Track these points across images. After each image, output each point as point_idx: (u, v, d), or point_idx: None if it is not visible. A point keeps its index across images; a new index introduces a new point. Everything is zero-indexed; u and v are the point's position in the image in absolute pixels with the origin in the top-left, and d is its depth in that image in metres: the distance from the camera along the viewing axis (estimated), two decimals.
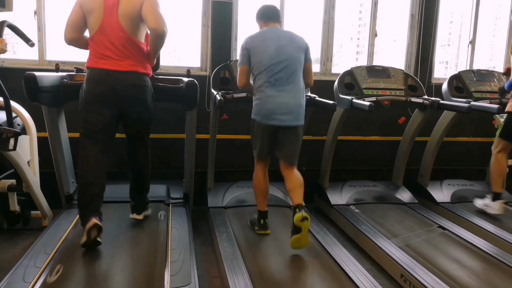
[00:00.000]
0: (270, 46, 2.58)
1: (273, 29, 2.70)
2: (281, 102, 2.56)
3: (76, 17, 2.41)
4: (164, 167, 3.60)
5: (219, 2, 3.65)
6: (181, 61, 3.94)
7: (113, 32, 2.37)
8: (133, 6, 2.37)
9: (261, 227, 2.82)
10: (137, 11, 2.36)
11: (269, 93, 2.56)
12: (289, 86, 2.58)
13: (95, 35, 2.39)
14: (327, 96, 3.20)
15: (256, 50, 2.60)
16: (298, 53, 2.63)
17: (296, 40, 2.66)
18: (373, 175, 4.05)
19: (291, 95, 2.58)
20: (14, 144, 2.44)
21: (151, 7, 2.35)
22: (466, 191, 3.82)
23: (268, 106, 2.57)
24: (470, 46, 4.35)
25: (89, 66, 2.44)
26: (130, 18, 2.37)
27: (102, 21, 2.36)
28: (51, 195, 3.09)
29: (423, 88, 3.62)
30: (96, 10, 2.36)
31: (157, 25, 2.34)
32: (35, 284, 1.99)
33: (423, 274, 2.32)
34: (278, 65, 2.56)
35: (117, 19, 2.36)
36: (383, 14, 4.08)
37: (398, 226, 3.11)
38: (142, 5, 2.35)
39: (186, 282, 2.06)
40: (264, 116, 2.59)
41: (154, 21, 2.34)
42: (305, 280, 2.25)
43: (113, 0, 2.36)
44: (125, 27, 2.37)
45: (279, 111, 2.56)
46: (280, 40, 2.61)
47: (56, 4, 3.47)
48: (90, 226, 2.28)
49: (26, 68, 3.14)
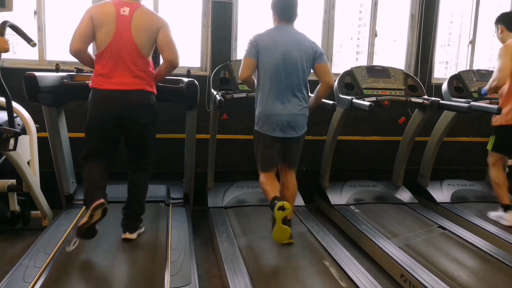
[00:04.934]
0: (277, 52, 2.51)
1: (284, 30, 2.59)
2: (285, 114, 2.54)
3: (85, 29, 2.34)
4: (164, 167, 3.60)
5: (219, 2, 3.65)
6: (181, 61, 3.92)
7: (125, 48, 2.34)
8: (148, 26, 2.37)
9: None
10: (152, 34, 2.37)
11: (273, 103, 2.54)
12: (293, 96, 2.56)
13: (104, 50, 2.34)
14: (327, 96, 3.19)
15: (263, 50, 2.53)
16: (305, 61, 2.55)
17: (305, 47, 2.55)
18: (373, 175, 4.05)
19: (295, 106, 2.56)
20: (14, 144, 2.44)
21: (168, 37, 2.40)
22: (466, 191, 3.81)
23: (271, 118, 2.55)
24: (470, 46, 4.35)
25: (93, 87, 2.40)
26: (143, 35, 2.36)
27: (114, 36, 2.33)
28: (51, 195, 3.09)
29: (423, 88, 3.62)
30: (107, 24, 2.32)
31: (174, 58, 2.42)
32: (35, 284, 1.99)
33: (423, 274, 2.32)
34: (283, 74, 2.52)
35: (130, 34, 2.34)
36: (383, 14, 4.08)
37: (398, 226, 3.11)
38: (158, 31, 2.38)
39: (186, 282, 2.06)
40: (268, 128, 2.57)
41: (172, 54, 2.41)
42: (305, 280, 2.25)
43: (126, 16, 2.34)
44: (138, 43, 2.36)
45: (283, 123, 2.54)
46: (287, 46, 2.52)
47: (56, 4, 3.47)
48: (96, 204, 2.21)
49: (26, 68, 3.14)
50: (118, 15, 2.33)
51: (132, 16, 2.34)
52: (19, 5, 3.02)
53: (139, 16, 2.36)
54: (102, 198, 2.26)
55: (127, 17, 2.34)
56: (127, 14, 2.34)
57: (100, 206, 2.23)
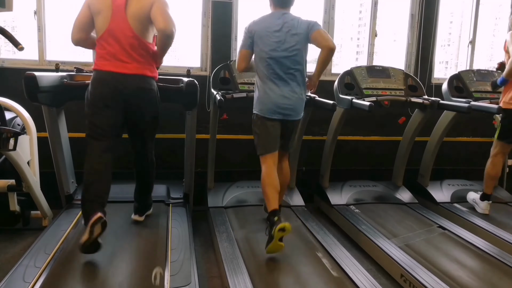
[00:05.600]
0: (272, 37, 2.52)
1: (278, 14, 2.56)
2: (284, 97, 2.54)
3: (84, 18, 2.39)
4: (164, 167, 3.59)
5: (219, 2, 3.65)
6: (181, 61, 3.93)
7: (122, 33, 2.36)
8: (142, 6, 2.36)
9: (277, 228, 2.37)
10: (146, 12, 2.35)
11: (271, 87, 2.54)
12: (291, 79, 2.55)
13: (102, 35, 2.37)
14: (327, 96, 3.20)
15: (258, 38, 2.55)
16: (301, 43, 2.54)
17: (299, 29, 2.52)
18: (373, 175, 4.05)
19: (293, 88, 2.56)
20: (14, 144, 2.44)
21: (160, 8, 2.35)
22: (466, 191, 3.81)
23: (270, 101, 2.55)
24: (470, 46, 4.35)
25: (95, 69, 2.42)
26: (139, 19, 2.36)
27: (110, 22, 2.35)
28: (51, 195, 3.09)
29: (423, 88, 3.62)
30: (104, 11, 2.35)
31: (166, 25, 2.32)
32: (35, 284, 1.99)
33: (423, 274, 2.32)
34: (280, 57, 2.52)
35: (125, 19, 2.35)
36: (383, 14, 4.08)
37: (398, 226, 3.11)
38: (151, 6, 2.35)
39: (186, 282, 2.06)
40: (266, 111, 2.58)
41: (163, 21, 2.32)
42: (305, 280, 2.25)
43: (121, 0, 2.35)
44: (134, 27, 2.36)
45: (282, 105, 2.55)
46: (282, 30, 2.52)
47: (56, 4, 3.48)
48: (94, 219, 2.17)
49: (26, 68, 3.14)
50: (114, 1, 2.35)
51: (127, 1, 2.36)
52: (19, 5, 3.02)
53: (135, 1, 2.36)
54: (99, 212, 2.22)
55: (122, 2, 2.35)
56: None
57: (98, 221, 2.18)
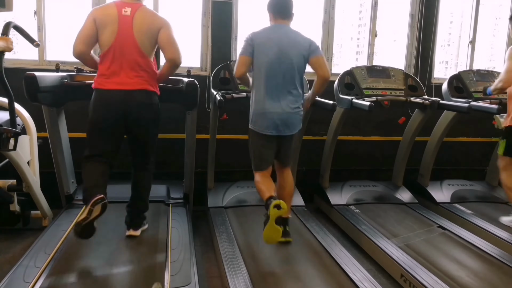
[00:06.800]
0: (272, 50, 2.50)
1: (278, 28, 2.57)
2: (279, 112, 2.51)
3: (88, 31, 2.36)
4: (164, 167, 3.60)
5: (219, 2, 3.65)
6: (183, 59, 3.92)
7: (127, 47, 2.36)
8: (149, 25, 2.38)
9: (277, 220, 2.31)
10: (154, 33, 2.38)
11: (267, 102, 2.52)
12: (288, 94, 2.54)
13: (108, 50, 2.36)
14: (327, 96, 3.20)
15: (258, 50, 2.53)
16: (299, 59, 2.53)
17: (299, 44, 2.53)
18: (373, 175, 4.06)
19: (289, 104, 2.54)
20: (14, 144, 2.44)
21: (169, 36, 2.40)
22: (466, 191, 3.82)
23: (265, 116, 2.53)
24: (470, 46, 4.35)
25: (96, 87, 2.40)
26: (145, 35, 2.37)
27: (116, 36, 2.34)
28: (51, 195, 3.09)
29: (423, 88, 3.62)
30: (110, 25, 2.34)
31: (176, 56, 2.41)
32: (35, 284, 1.99)
33: (423, 274, 2.32)
34: (278, 72, 2.50)
35: (132, 35, 2.35)
36: (383, 14, 4.08)
37: (398, 226, 3.11)
38: (159, 31, 2.38)
39: (186, 282, 2.06)
40: (261, 126, 2.56)
41: (173, 52, 2.40)
42: (305, 280, 2.25)
43: (128, 16, 2.35)
44: (140, 43, 2.37)
45: (277, 121, 2.52)
46: (282, 44, 2.51)
47: (56, 4, 3.47)
48: (96, 199, 2.15)
49: (26, 68, 3.14)
50: (120, 15, 2.35)
51: (133, 16, 2.36)
52: (19, 5, 3.02)
53: (141, 16, 2.37)
54: (102, 194, 2.22)
55: (128, 17, 2.35)
56: (129, 14, 2.35)
57: (99, 201, 2.16)
